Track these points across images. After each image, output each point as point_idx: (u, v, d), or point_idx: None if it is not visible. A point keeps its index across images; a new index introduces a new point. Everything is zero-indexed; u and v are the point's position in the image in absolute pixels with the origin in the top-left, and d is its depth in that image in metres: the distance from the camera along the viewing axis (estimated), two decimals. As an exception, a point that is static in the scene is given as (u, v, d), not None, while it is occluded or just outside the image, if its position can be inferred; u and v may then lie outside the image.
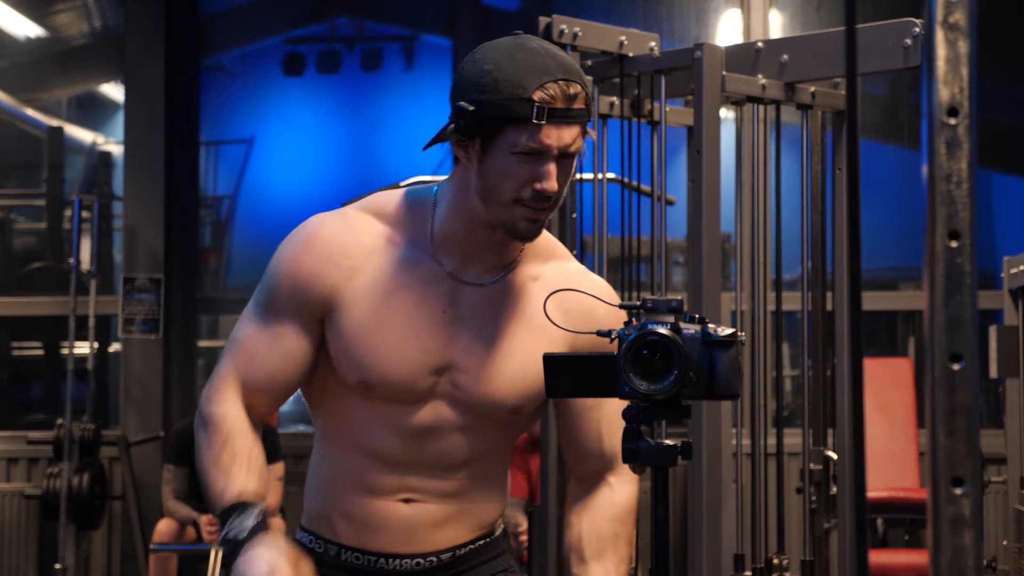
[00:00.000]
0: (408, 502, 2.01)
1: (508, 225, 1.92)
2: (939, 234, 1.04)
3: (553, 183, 1.89)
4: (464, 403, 1.99)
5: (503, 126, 1.86)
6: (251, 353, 2.00)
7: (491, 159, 1.89)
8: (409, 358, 1.96)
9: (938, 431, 1.04)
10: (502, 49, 1.90)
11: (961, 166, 1.04)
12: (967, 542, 1.02)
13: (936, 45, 1.04)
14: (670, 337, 1.72)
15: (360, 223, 2.00)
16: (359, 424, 2.00)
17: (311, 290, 1.96)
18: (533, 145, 1.86)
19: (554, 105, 1.86)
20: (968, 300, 1.03)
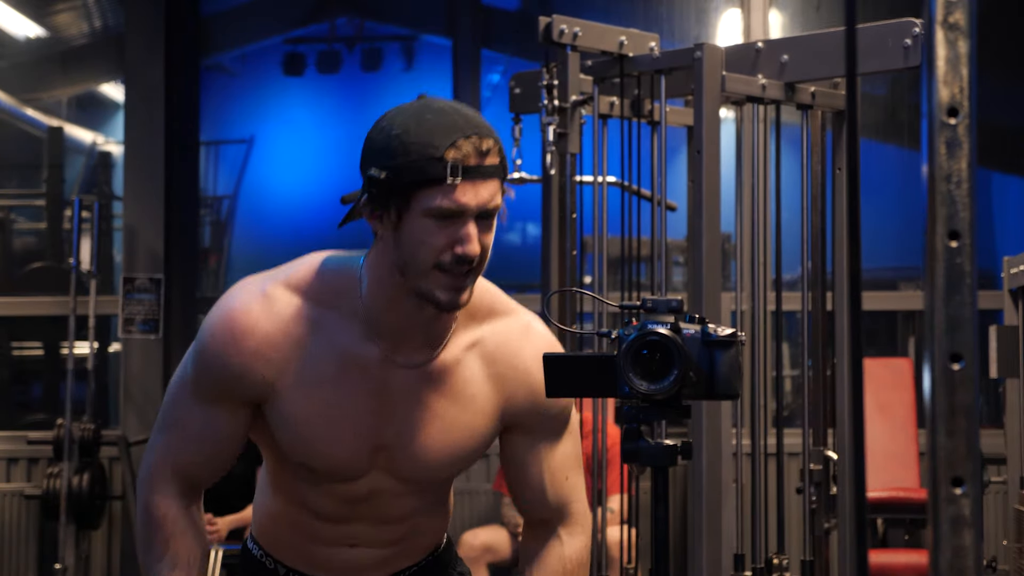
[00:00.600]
0: (353, 546, 2.07)
1: (428, 295, 1.85)
2: (939, 234, 1.04)
3: (475, 245, 1.81)
4: (401, 474, 2.01)
5: (416, 190, 1.79)
6: (185, 436, 2.01)
7: (407, 226, 1.82)
8: (346, 444, 1.97)
9: (938, 431, 1.04)
10: (409, 113, 1.83)
11: (961, 166, 1.04)
12: (967, 542, 1.02)
13: (936, 45, 1.04)
14: (670, 337, 1.72)
15: (287, 308, 1.93)
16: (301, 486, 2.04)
17: (241, 383, 1.94)
18: (449, 206, 1.79)
19: (467, 163, 1.79)
20: (968, 300, 1.03)
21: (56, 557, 5.77)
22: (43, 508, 5.84)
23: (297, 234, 7.23)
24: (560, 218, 3.33)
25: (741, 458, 3.31)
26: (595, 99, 3.34)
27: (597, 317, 3.35)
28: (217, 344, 1.94)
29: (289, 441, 1.97)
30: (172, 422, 2.02)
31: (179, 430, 2.01)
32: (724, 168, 3.18)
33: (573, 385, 1.85)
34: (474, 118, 1.84)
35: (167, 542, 2.00)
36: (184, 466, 2.01)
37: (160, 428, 2.04)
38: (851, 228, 1.09)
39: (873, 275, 6.58)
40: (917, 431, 5.70)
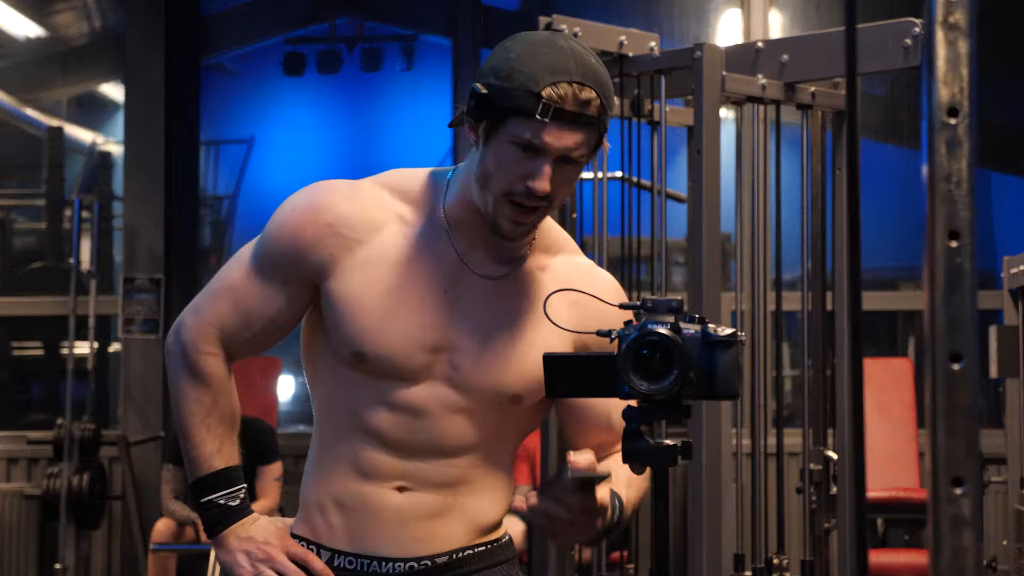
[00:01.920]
0: (402, 491, 1.94)
1: (492, 218, 1.90)
2: (939, 234, 1.04)
3: (545, 183, 1.85)
4: (463, 385, 1.95)
5: (509, 116, 1.84)
6: (240, 304, 1.98)
7: (492, 146, 1.87)
8: (403, 332, 1.92)
9: (938, 431, 1.04)
10: (531, 41, 1.88)
11: (961, 166, 1.04)
12: (967, 542, 1.02)
13: (936, 45, 1.04)
14: (670, 337, 1.72)
15: (371, 196, 1.97)
16: (355, 401, 1.95)
17: (308, 256, 1.94)
18: (533, 141, 1.84)
19: (562, 106, 1.83)
20: (968, 300, 1.03)
21: (56, 557, 5.77)
22: (43, 508, 5.84)
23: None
24: (560, 218, 3.33)
25: (741, 458, 3.31)
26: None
27: (597, 317, 3.35)
28: (295, 214, 1.96)
29: (345, 327, 1.92)
30: (228, 286, 2.00)
31: (233, 296, 1.99)
32: (724, 168, 3.18)
33: (573, 385, 1.85)
34: (589, 66, 1.86)
35: (215, 401, 1.98)
36: (231, 333, 1.99)
37: (213, 290, 2.01)
38: (851, 228, 1.09)
39: (873, 275, 6.58)
40: (917, 431, 5.70)
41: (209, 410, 1.98)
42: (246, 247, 2.02)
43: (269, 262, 1.97)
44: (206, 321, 2.01)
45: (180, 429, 2.01)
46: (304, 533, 2.00)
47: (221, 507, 1.96)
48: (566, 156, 1.86)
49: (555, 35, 1.91)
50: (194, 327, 2.02)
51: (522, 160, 1.85)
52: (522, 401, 1.98)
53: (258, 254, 1.99)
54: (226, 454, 1.98)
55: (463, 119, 1.93)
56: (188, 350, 2.01)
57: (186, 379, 2.00)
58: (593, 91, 1.85)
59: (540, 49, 1.86)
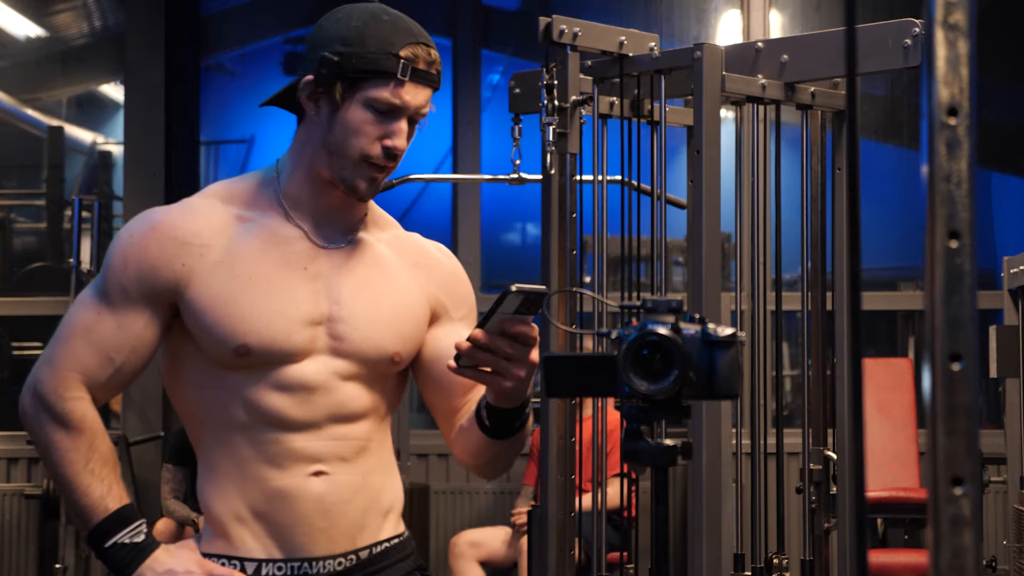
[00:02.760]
0: (319, 475, 1.95)
1: (348, 182, 1.96)
2: (939, 234, 1.04)
3: (403, 141, 1.95)
4: (348, 352, 1.99)
5: (365, 79, 1.92)
6: (96, 342, 1.94)
7: (345, 112, 1.94)
8: (280, 312, 1.94)
9: (938, 431, 1.04)
10: (366, 10, 1.98)
11: (961, 166, 1.04)
12: (967, 542, 1.02)
13: (936, 45, 1.04)
14: (670, 337, 1.72)
15: (205, 205, 1.99)
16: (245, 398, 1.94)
17: (160, 273, 1.93)
18: (394, 100, 1.92)
19: (417, 65, 1.93)
20: (968, 300, 1.03)
21: (56, 557, 5.77)
22: (43, 508, 5.84)
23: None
24: (560, 218, 3.32)
25: (741, 458, 3.31)
26: (595, 99, 3.34)
27: (597, 317, 3.35)
28: (135, 238, 1.95)
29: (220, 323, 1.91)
30: (78, 329, 1.95)
31: (86, 337, 1.94)
32: (724, 168, 3.18)
33: (573, 385, 1.85)
34: (423, 31, 1.98)
35: (91, 445, 1.93)
36: (92, 374, 1.94)
37: (61, 338, 1.96)
38: (851, 228, 1.09)
39: (873, 275, 6.58)
40: (917, 431, 5.70)
41: (88, 455, 1.93)
42: (83, 294, 2.00)
43: (119, 292, 1.94)
44: (63, 368, 1.95)
45: (60, 483, 1.95)
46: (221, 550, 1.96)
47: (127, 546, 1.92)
48: (416, 113, 1.97)
49: (380, 5, 2.00)
50: (51, 378, 1.95)
51: (377, 123, 1.93)
52: (400, 361, 2.05)
53: (103, 290, 1.96)
54: (116, 494, 1.95)
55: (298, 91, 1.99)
56: (50, 401, 1.94)
57: (55, 430, 1.93)
58: (436, 51, 1.98)
59: (381, 16, 1.96)
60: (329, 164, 1.96)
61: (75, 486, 1.92)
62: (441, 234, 6.80)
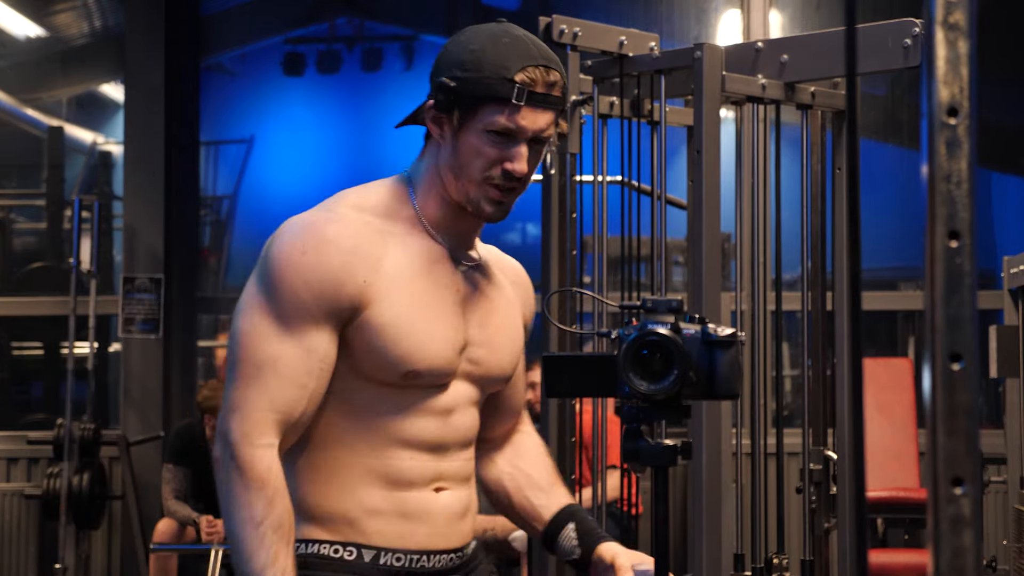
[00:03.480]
0: (439, 491, 1.98)
1: (475, 203, 1.95)
2: (939, 234, 1.04)
3: (523, 164, 1.93)
4: (479, 378, 2.03)
5: (482, 104, 1.91)
6: (285, 374, 1.85)
7: (466, 136, 1.93)
8: (444, 339, 1.96)
9: (938, 431, 1.04)
10: (487, 33, 1.96)
11: (961, 166, 1.04)
12: (967, 542, 1.02)
13: (936, 45, 1.04)
14: (670, 337, 1.72)
15: (357, 219, 1.95)
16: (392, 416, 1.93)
17: (345, 289, 1.87)
18: (509, 125, 1.91)
19: (534, 89, 1.91)
20: (968, 300, 1.03)
21: (56, 557, 5.77)
22: (43, 508, 5.84)
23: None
24: (560, 218, 3.33)
25: (741, 458, 3.31)
26: (595, 99, 3.34)
27: (597, 317, 3.35)
28: (309, 255, 1.87)
29: (396, 345, 1.89)
30: (261, 364, 1.84)
31: (273, 371, 1.84)
32: (724, 168, 3.18)
33: (573, 385, 1.85)
34: (547, 51, 1.96)
35: (271, 502, 1.82)
36: (287, 409, 1.84)
37: (244, 377, 1.84)
38: (851, 228, 1.09)
39: (873, 275, 6.58)
40: (917, 431, 5.70)
41: (263, 515, 1.82)
42: (249, 321, 1.88)
43: (300, 312, 1.86)
44: (256, 410, 1.84)
45: (229, 535, 1.86)
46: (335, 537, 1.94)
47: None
48: (537, 136, 1.94)
49: (506, 25, 2.00)
50: (242, 423, 1.84)
51: (496, 146, 1.92)
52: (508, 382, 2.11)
53: (280, 313, 1.86)
54: (280, 567, 1.82)
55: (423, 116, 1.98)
56: (240, 449, 1.83)
57: (237, 479, 1.83)
58: (557, 72, 1.94)
59: (500, 39, 1.94)
60: (455, 187, 1.96)
61: (242, 546, 1.83)
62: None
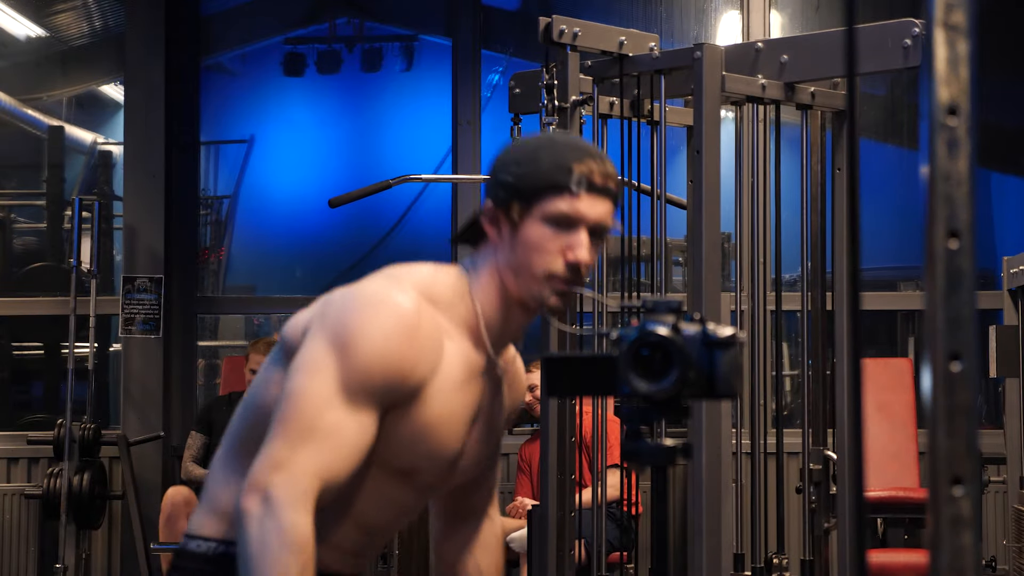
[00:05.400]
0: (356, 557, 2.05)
1: (538, 298, 1.95)
2: (939, 234, 1.04)
3: (586, 253, 1.93)
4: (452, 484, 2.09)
5: (542, 195, 1.92)
6: (339, 446, 1.84)
7: (525, 230, 1.93)
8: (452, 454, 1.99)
9: (938, 431, 1.04)
10: (544, 135, 2.08)
11: (961, 166, 1.04)
12: (967, 542, 1.02)
13: (936, 45, 1.04)
14: (670, 337, 1.72)
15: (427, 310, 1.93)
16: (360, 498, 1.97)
17: (408, 381, 1.89)
18: (570, 212, 1.92)
19: (592, 179, 1.93)
20: (968, 300, 1.03)
21: (56, 557, 5.77)
22: (43, 508, 5.83)
23: (297, 234, 7.22)
24: (560, 218, 3.32)
25: (741, 458, 3.31)
26: (595, 99, 3.34)
27: (597, 317, 3.35)
28: (390, 340, 1.86)
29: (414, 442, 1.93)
30: (323, 431, 1.83)
31: (332, 439, 1.83)
32: (724, 168, 3.18)
33: (573, 385, 1.85)
34: (600, 151, 2.01)
35: (305, 569, 1.79)
36: (335, 479, 1.84)
37: (297, 437, 1.82)
38: (851, 228, 1.09)
39: (873, 275, 6.58)
40: (917, 431, 5.70)
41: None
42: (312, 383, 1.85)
43: (368, 391, 1.86)
44: (305, 474, 1.81)
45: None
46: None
47: None
48: (596, 228, 1.95)
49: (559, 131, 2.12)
50: (289, 485, 1.80)
51: (557, 237, 1.93)
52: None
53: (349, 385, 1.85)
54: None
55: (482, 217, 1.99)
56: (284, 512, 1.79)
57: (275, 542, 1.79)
58: (613, 169, 1.98)
59: (556, 139, 2.02)
60: (517, 285, 1.96)
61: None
62: (441, 234, 6.81)
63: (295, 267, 7.36)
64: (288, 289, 7.22)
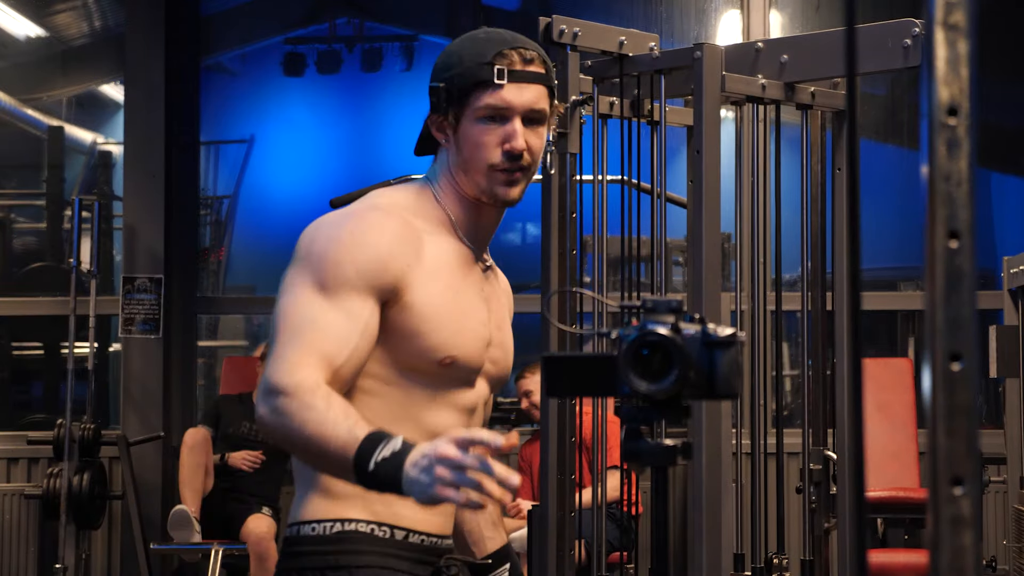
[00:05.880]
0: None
1: (488, 192, 2.04)
2: (939, 234, 1.04)
3: (520, 141, 2.00)
4: (494, 378, 2.11)
5: (469, 94, 2.00)
6: (327, 329, 1.88)
7: (463, 131, 2.02)
8: (476, 334, 2.05)
9: (938, 431, 1.04)
10: (465, 35, 2.09)
11: (961, 166, 1.04)
12: (967, 542, 1.02)
13: (936, 45, 1.04)
14: (670, 337, 1.72)
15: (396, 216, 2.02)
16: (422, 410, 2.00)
17: (388, 268, 1.95)
18: (496, 103, 2.00)
19: (512, 67, 2.01)
20: (968, 300, 1.03)
21: (56, 557, 5.77)
22: (43, 508, 5.84)
23: (297, 234, 7.22)
24: (560, 218, 3.32)
25: (741, 458, 3.31)
26: (595, 99, 3.34)
27: (597, 317, 3.35)
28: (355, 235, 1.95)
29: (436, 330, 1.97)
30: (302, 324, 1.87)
31: (313, 327, 1.87)
32: (724, 168, 3.18)
33: (573, 385, 1.85)
34: (522, 38, 2.07)
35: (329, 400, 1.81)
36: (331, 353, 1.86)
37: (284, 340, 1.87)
38: (851, 228, 1.09)
39: (873, 275, 6.58)
40: (917, 431, 5.70)
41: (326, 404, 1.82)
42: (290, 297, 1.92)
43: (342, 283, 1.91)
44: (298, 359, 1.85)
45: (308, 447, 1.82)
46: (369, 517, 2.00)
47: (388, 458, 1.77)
48: (530, 114, 2.02)
49: (482, 29, 2.12)
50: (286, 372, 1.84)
51: (492, 131, 2.01)
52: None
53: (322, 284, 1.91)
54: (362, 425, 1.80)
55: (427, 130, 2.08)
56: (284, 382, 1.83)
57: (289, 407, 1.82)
58: (533, 51, 2.04)
59: (477, 35, 2.08)
60: (467, 182, 2.04)
61: (323, 439, 1.79)
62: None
63: (295, 267, 7.35)
64: (288, 289, 7.22)
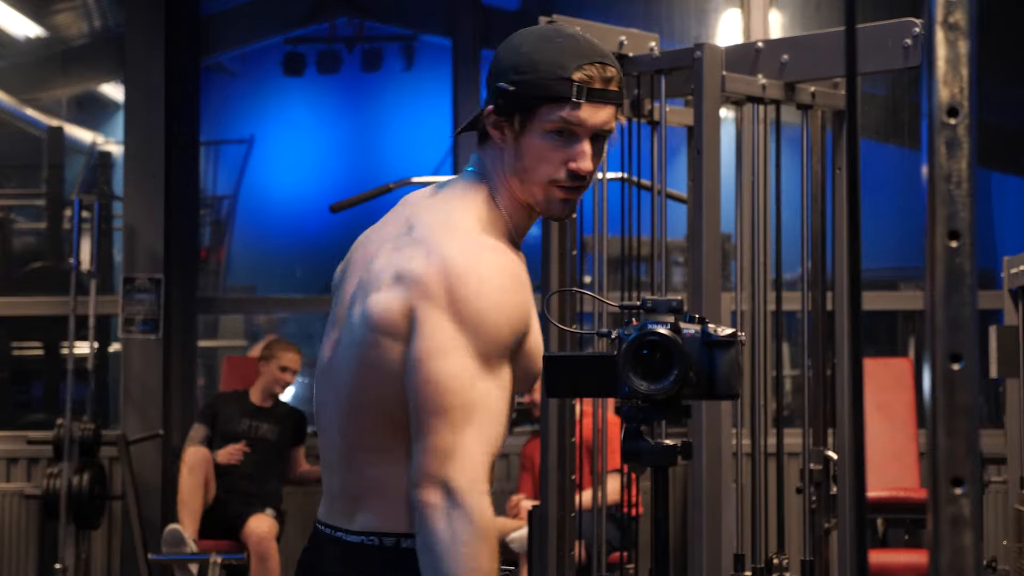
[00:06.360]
0: None
1: (543, 205, 1.97)
2: (939, 234, 1.04)
3: (588, 162, 1.94)
4: None
5: (541, 104, 1.92)
6: (495, 415, 1.83)
7: (527, 139, 1.94)
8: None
9: (938, 431, 1.04)
10: (539, 33, 1.99)
11: (961, 166, 1.04)
12: (967, 542, 1.02)
13: (936, 45, 1.04)
14: (670, 337, 1.72)
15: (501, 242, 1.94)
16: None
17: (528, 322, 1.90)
18: (572, 121, 1.92)
19: (592, 85, 1.93)
20: (968, 300, 1.03)
21: (56, 557, 5.77)
22: (43, 508, 5.83)
23: (297, 234, 7.22)
24: (560, 218, 3.32)
25: (741, 458, 3.31)
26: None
27: (597, 317, 3.35)
28: (508, 293, 1.86)
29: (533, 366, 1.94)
30: (477, 407, 1.81)
31: (488, 412, 1.82)
32: (724, 168, 3.18)
33: (573, 385, 1.85)
34: (600, 47, 1.97)
35: (494, 553, 1.78)
36: (498, 447, 1.83)
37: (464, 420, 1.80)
38: (851, 228, 1.09)
39: (873, 275, 6.58)
40: (917, 431, 5.70)
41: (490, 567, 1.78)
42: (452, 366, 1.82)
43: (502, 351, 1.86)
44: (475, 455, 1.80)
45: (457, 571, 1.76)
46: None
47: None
48: (598, 133, 1.95)
49: (557, 25, 2.03)
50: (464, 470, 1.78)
51: (559, 146, 1.93)
52: None
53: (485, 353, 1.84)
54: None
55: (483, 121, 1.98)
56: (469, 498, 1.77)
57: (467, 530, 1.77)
58: (613, 68, 1.96)
59: (554, 39, 1.96)
60: (522, 190, 1.97)
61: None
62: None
63: (295, 267, 7.36)
64: (288, 289, 7.23)
